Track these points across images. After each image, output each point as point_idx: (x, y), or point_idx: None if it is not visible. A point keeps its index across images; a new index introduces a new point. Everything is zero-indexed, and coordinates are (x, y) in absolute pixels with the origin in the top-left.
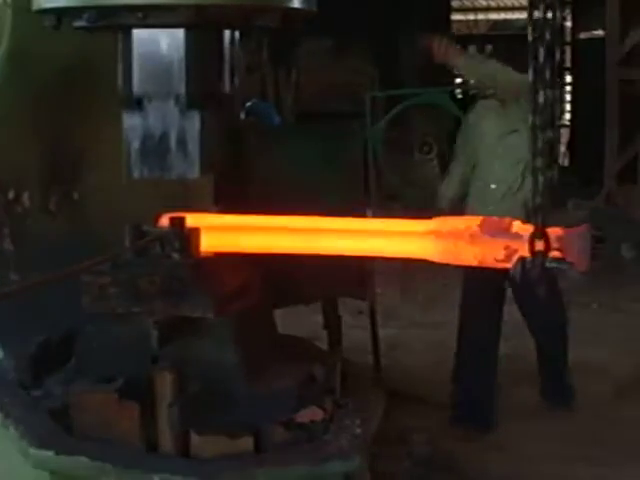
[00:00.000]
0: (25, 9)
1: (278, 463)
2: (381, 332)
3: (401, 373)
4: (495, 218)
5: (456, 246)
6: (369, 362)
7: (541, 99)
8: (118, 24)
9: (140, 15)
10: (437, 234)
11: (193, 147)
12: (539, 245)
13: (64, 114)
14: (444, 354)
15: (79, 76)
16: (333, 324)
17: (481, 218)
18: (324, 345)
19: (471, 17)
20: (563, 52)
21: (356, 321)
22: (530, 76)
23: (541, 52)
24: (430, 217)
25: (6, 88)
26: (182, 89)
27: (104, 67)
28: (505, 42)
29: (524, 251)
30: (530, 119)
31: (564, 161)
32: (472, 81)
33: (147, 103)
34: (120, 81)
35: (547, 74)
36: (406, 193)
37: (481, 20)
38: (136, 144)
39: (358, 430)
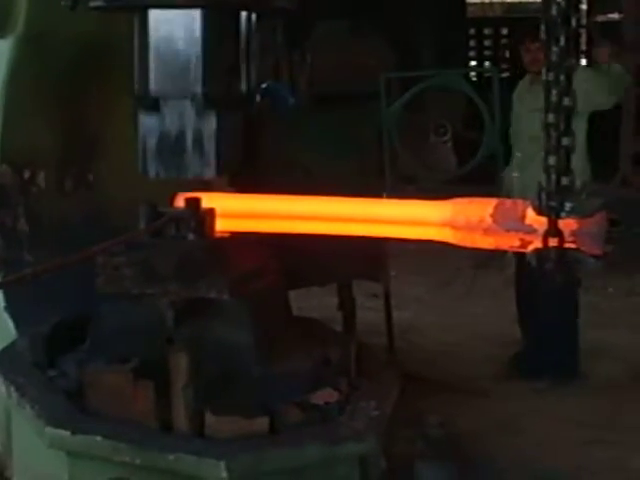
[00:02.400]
0: None
1: (293, 444)
2: (395, 315)
3: (415, 355)
4: (509, 203)
5: (472, 238)
6: (383, 344)
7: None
8: (134, 4)
9: None
10: (452, 226)
11: (209, 147)
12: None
13: (79, 96)
14: (457, 337)
15: (94, 59)
16: (347, 306)
17: (495, 204)
18: (338, 327)
19: (486, 0)
20: (579, 35)
21: (370, 303)
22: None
23: (557, 27)
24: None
25: (22, 70)
26: (199, 89)
27: (119, 50)
28: (520, 25)
29: (538, 243)
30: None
31: None
32: None
33: (163, 103)
34: (136, 81)
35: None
36: (421, 175)
37: (496, 2)
38: (152, 144)
39: (373, 412)
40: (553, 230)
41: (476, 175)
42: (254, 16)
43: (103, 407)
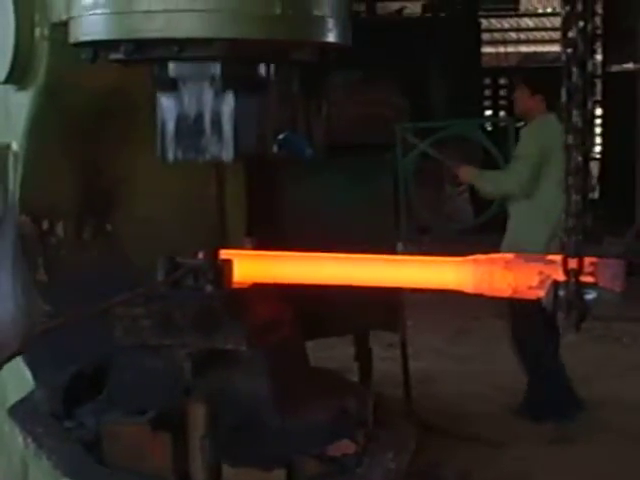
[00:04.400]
0: (61, 42)
1: None
2: (412, 365)
3: (431, 406)
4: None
5: (491, 273)
6: (400, 395)
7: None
8: (154, 57)
9: (176, 48)
10: (474, 260)
11: (228, 129)
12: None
13: (99, 146)
14: (475, 387)
15: (115, 109)
16: (364, 356)
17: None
18: (355, 377)
19: (501, 50)
20: (594, 85)
21: (387, 353)
22: (563, 96)
23: (574, 72)
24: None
25: (42, 120)
26: (217, 70)
27: (140, 100)
28: (536, 75)
29: (557, 275)
30: (563, 139)
31: (594, 194)
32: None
33: (182, 85)
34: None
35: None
36: (436, 225)
37: (511, 53)
38: (170, 127)
39: (390, 464)
40: (572, 262)
41: (492, 225)
42: (272, 67)
43: (120, 458)
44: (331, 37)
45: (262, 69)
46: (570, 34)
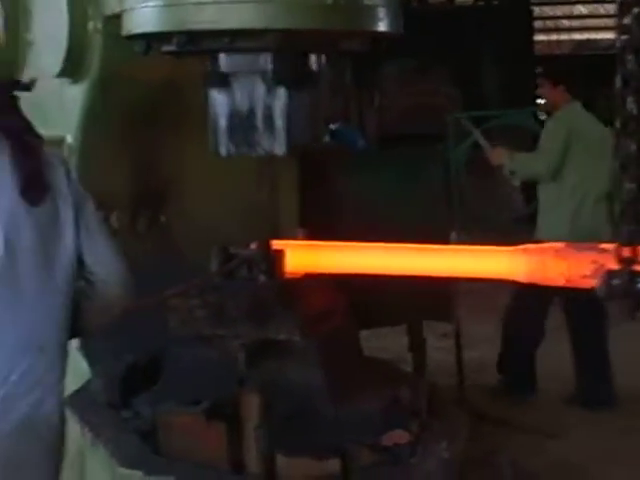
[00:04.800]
0: (115, 35)
1: None
2: (465, 354)
3: (484, 395)
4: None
5: (543, 263)
6: (453, 384)
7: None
8: (205, 49)
9: (227, 40)
10: (525, 250)
11: (280, 123)
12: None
13: (153, 138)
14: None
15: (168, 101)
16: (418, 346)
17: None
18: (409, 367)
19: (554, 37)
20: None
21: (440, 343)
22: (617, 83)
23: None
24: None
25: (95, 113)
26: (268, 64)
27: (193, 93)
28: (589, 62)
29: (611, 264)
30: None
31: None
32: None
33: (233, 79)
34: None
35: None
36: (489, 215)
37: (564, 40)
38: (222, 122)
39: (444, 453)
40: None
41: None
42: (323, 57)
43: (175, 448)
44: (382, 26)
45: (313, 60)
46: (625, 20)
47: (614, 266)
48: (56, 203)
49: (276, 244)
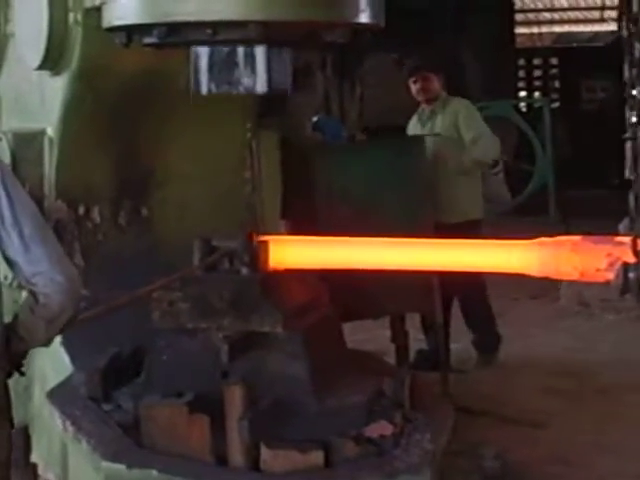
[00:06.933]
0: (95, 27)
1: (348, 478)
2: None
3: (468, 387)
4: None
5: (557, 257)
6: (437, 376)
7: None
8: (187, 40)
9: (209, 31)
10: (540, 243)
11: (261, 62)
12: None
13: (134, 131)
14: (511, 367)
15: (149, 93)
16: (400, 338)
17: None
18: (392, 359)
19: (535, 30)
20: None
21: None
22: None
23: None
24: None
25: (76, 105)
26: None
27: (174, 84)
28: (569, 54)
29: (627, 257)
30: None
31: None
32: None
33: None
34: None
35: None
36: None
37: (545, 33)
38: (203, 61)
39: (428, 445)
40: None
41: (529, 206)
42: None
43: (158, 441)
44: (363, 18)
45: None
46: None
47: (630, 259)
48: None
49: (258, 238)
